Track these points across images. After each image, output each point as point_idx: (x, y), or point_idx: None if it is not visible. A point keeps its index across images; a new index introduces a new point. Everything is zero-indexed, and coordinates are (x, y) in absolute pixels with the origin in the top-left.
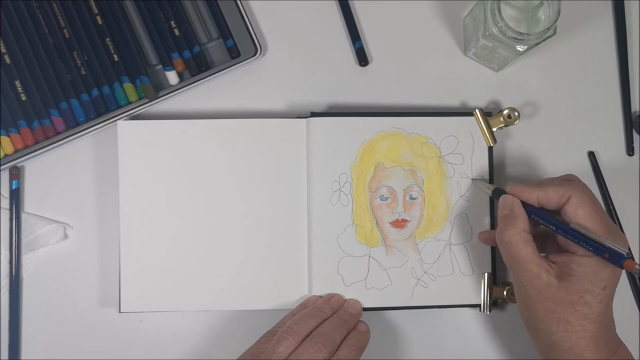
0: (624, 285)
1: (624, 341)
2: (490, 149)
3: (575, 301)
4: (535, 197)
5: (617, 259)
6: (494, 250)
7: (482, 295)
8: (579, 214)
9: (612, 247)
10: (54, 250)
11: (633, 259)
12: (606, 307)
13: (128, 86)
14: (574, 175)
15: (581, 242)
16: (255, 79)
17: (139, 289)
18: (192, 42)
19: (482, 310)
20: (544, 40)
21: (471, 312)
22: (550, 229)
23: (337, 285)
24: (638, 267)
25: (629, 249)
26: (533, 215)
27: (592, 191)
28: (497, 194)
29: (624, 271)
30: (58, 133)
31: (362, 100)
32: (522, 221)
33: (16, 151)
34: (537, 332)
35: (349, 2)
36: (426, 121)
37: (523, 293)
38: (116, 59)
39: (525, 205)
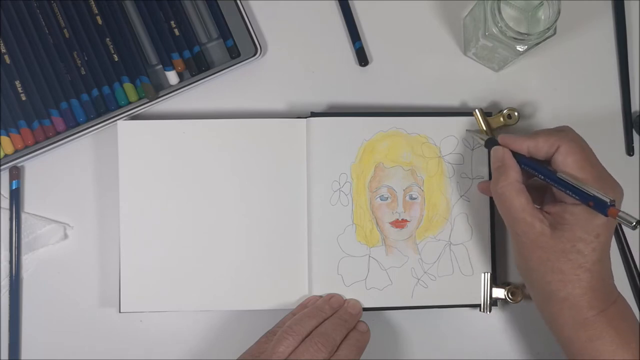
0: (624, 284)
1: None
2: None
3: (568, 250)
4: (525, 146)
5: (601, 206)
6: (494, 250)
7: (482, 295)
8: (568, 163)
9: (596, 194)
10: (54, 250)
11: (615, 206)
12: (601, 257)
13: (128, 86)
14: (567, 126)
15: (567, 191)
16: (255, 79)
17: (139, 289)
18: (192, 42)
19: (482, 310)
20: (544, 40)
21: (471, 312)
22: (540, 178)
23: (337, 285)
24: (623, 215)
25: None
26: (523, 165)
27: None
28: (489, 144)
29: (622, 255)
30: (58, 133)
31: (362, 100)
32: (514, 172)
33: (16, 151)
34: (533, 283)
35: (349, 2)
36: (426, 121)
37: (518, 244)
38: (116, 59)
39: (516, 155)
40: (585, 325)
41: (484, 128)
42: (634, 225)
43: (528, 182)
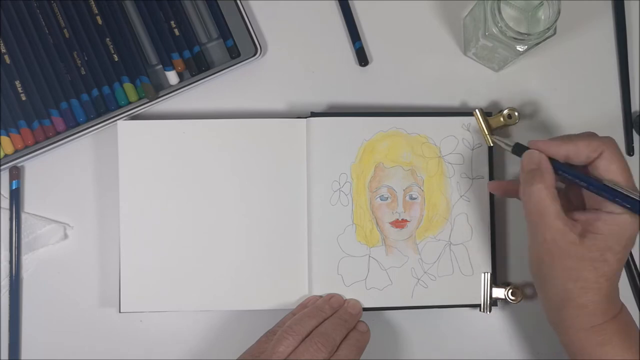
0: (624, 285)
1: None
2: (490, 149)
3: (597, 258)
4: (563, 151)
5: None
6: (494, 250)
7: (482, 295)
8: (612, 170)
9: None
10: (54, 250)
11: None
12: (621, 267)
13: (128, 86)
14: (594, 132)
15: (617, 199)
16: (255, 79)
17: (139, 289)
18: (192, 42)
19: (482, 310)
20: (544, 40)
21: (471, 312)
22: (580, 185)
23: (337, 285)
24: None
25: None
26: (560, 172)
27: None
28: (518, 149)
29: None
30: (58, 133)
31: (362, 100)
32: (550, 176)
33: (16, 151)
34: (549, 289)
35: (349, 2)
36: (426, 121)
37: (542, 250)
38: (116, 59)
39: (551, 160)
40: (598, 330)
41: (484, 128)
42: None
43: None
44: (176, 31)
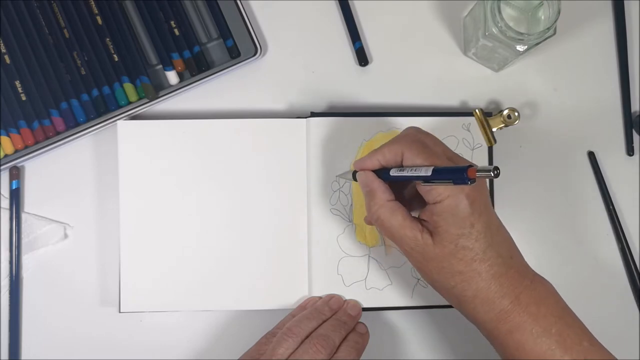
0: (624, 285)
1: (623, 343)
2: (490, 149)
3: (454, 251)
4: (377, 162)
5: (461, 176)
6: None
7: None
8: (418, 164)
9: (451, 167)
10: (54, 250)
11: (472, 166)
12: (489, 242)
13: (128, 86)
14: (409, 127)
15: (428, 182)
16: (255, 79)
17: (139, 289)
18: (192, 42)
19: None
20: (544, 40)
21: None
22: (415, 180)
23: (337, 285)
24: (481, 169)
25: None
26: (390, 179)
27: (436, 138)
28: (354, 176)
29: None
30: (58, 133)
31: (362, 100)
32: (380, 192)
33: (16, 151)
34: (441, 291)
35: (349, 2)
36: (426, 121)
37: (412, 260)
38: (116, 59)
39: (381, 172)
40: (502, 317)
41: (484, 128)
42: (494, 172)
43: (410, 190)
44: (176, 31)
